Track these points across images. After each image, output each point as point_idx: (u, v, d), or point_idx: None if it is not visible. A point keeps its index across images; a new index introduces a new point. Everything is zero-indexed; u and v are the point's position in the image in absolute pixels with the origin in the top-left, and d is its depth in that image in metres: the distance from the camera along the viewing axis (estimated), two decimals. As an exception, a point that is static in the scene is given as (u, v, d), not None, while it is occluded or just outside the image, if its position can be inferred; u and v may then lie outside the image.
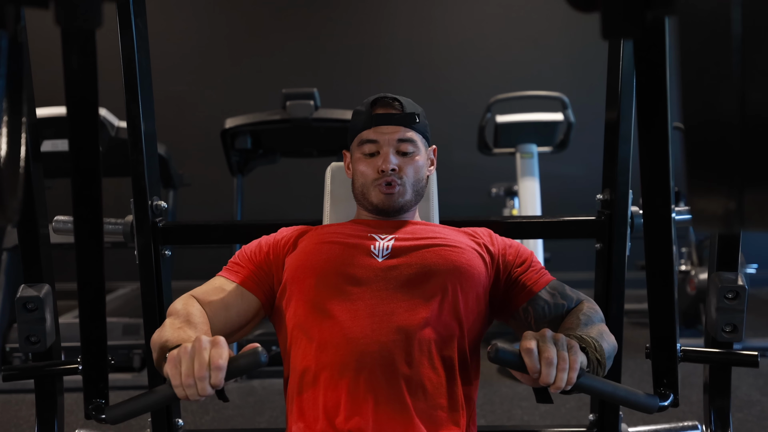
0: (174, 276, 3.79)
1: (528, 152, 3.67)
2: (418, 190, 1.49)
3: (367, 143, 1.46)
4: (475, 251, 1.39)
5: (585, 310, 1.34)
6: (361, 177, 1.47)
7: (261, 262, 1.42)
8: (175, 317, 1.26)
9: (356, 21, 4.99)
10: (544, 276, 1.42)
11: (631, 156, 1.58)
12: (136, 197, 1.56)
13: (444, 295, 1.29)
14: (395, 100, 1.47)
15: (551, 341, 1.07)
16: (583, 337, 1.17)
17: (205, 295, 1.37)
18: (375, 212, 1.48)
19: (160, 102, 4.74)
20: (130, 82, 1.52)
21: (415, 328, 1.24)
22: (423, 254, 1.34)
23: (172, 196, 3.64)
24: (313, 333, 1.27)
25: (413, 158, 1.46)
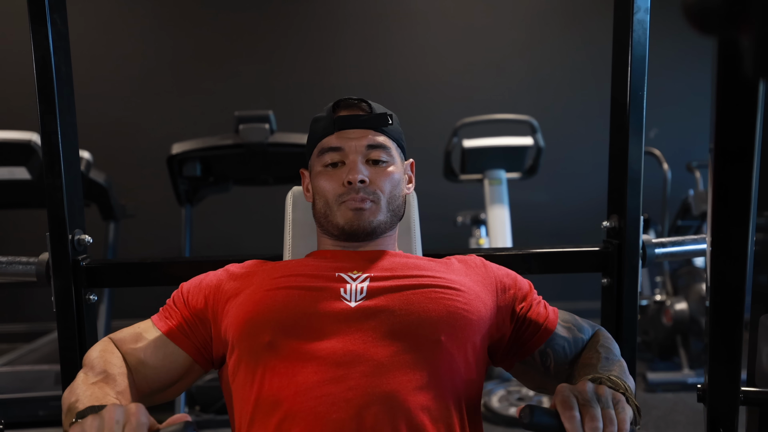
0: (114, 314, 3.52)
1: (496, 178, 3.51)
2: (394, 209, 1.22)
3: (329, 152, 1.20)
4: (472, 291, 1.13)
5: (602, 341, 1.16)
6: (323, 194, 1.20)
7: (198, 308, 1.15)
8: (89, 369, 1.05)
9: (311, 43, 4.78)
10: (550, 308, 1.21)
11: (642, 177, 1.37)
12: (53, 231, 1.28)
13: (437, 348, 1.02)
14: (361, 101, 1.22)
15: (594, 399, 0.90)
16: (614, 379, 0.99)
17: (124, 342, 1.14)
18: (342, 236, 1.20)
19: (102, 127, 4.51)
20: (45, 89, 1.25)
21: (403, 394, 0.97)
22: (408, 297, 1.07)
23: (113, 228, 3.33)
24: (270, 407, 0.98)
25: (387, 168, 1.20)
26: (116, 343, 1.13)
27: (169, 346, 1.13)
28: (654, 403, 3.14)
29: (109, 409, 0.83)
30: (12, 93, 4.43)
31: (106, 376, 1.02)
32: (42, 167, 2.62)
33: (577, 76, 4.75)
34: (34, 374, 3.02)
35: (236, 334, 1.07)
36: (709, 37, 0.45)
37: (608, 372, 1.03)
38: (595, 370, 1.05)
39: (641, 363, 3.80)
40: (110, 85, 4.63)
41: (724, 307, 0.83)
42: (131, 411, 0.83)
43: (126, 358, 1.11)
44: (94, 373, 1.03)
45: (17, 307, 4.63)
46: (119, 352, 1.11)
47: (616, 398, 0.91)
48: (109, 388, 1.00)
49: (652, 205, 4.19)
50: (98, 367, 1.04)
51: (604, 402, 0.89)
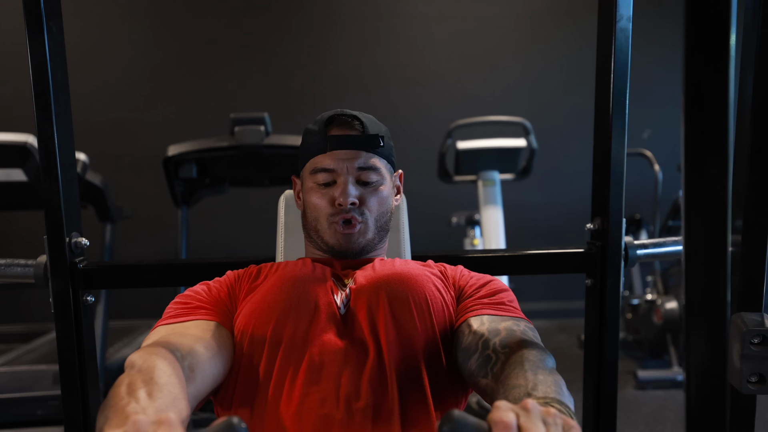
0: (112, 315, 3.54)
1: (490, 179, 3.52)
2: (381, 226, 1.26)
3: (321, 172, 1.23)
4: (438, 282, 1.17)
5: (529, 355, 0.96)
6: (314, 211, 1.24)
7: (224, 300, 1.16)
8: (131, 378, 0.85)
9: (308, 45, 4.81)
10: (492, 308, 1.12)
11: (624, 182, 1.41)
12: (51, 234, 1.31)
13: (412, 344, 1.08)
14: (354, 119, 1.23)
15: (539, 418, 0.69)
16: (554, 405, 0.83)
17: (184, 338, 1.01)
18: (331, 253, 1.25)
19: (99, 130, 4.54)
20: (41, 96, 1.28)
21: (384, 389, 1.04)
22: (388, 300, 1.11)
23: (110, 230, 3.35)
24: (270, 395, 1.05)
25: (377, 189, 1.24)
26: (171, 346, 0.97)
27: (226, 334, 1.10)
28: (644, 401, 3.18)
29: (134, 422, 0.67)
30: (7, 94, 4.45)
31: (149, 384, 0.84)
32: (38, 169, 2.67)
33: (571, 76, 4.78)
34: (32, 374, 3.03)
35: (241, 324, 1.11)
36: None
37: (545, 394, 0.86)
38: (525, 390, 0.88)
39: (632, 361, 3.84)
40: (107, 87, 4.66)
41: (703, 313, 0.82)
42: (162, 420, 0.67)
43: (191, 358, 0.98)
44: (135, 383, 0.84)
45: (14, 307, 4.66)
46: (171, 356, 0.94)
47: (568, 425, 0.70)
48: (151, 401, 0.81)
49: (644, 206, 4.23)
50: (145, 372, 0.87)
51: (551, 425, 0.69)
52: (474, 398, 3.14)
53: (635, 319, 3.94)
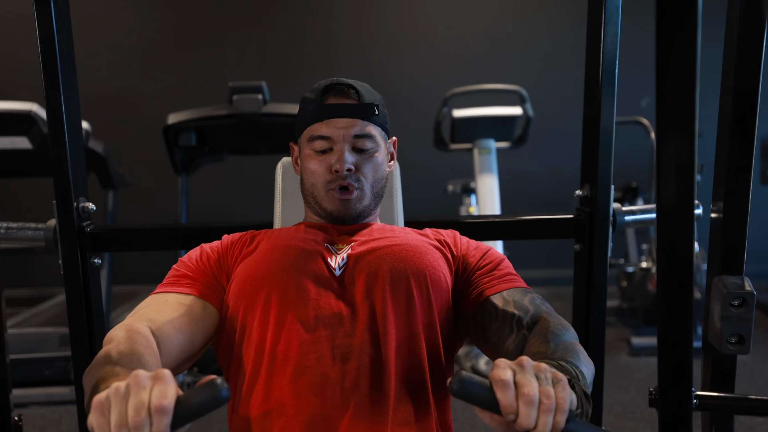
0: (114, 280, 3.60)
1: (486, 148, 3.55)
2: (377, 192, 1.31)
3: (318, 139, 1.27)
4: (437, 250, 1.23)
5: (552, 327, 1.08)
6: (312, 177, 1.28)
7: (213, 271, 1.22)
8: (112, 347, 0.96)
9: (306, 14, 4.81)
10: (506, 282, 1.20)
11: (613, 149, 1.46)
12: (59, 198, 1.36)
13: (410, 302, 1.13)
14: (350, 88, 1.27)
15: (531, 372, 0.81)
16: (562, 364, 0.94)
17: (159, 314, 1.08)
18: (328, 219, 1.29)
19: (99, 98, 4.56)
20: (49, 66, 1.32)
21: (379, 351, 1.08)
22: (380, 257, 1.17)
23: (112, 197, 3.40)
24: (266, 357, 1.09)
25: (372, 156, 1.28)
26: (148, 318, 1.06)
27: (207, 307, 1.16)
28: (637, 367, 3.25)
29: (134, 375, 0.77)
30: (11, 64, 4.46)
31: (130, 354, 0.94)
32: (42, 137, 2.71)
33: (567, 45, 4.78)
34: (39, 336, 3.11)
35: (235, 290, 1.16)
36: None
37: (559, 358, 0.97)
38: (544, 356, 0.99)
39: (627, 328, 3.91)
40: (108, 56, 4.67)
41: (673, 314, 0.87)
42: (158, 374, 0.77)
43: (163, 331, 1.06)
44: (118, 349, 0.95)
45: (21, 273, 4.73)
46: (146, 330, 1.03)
47: (557, 377, 0.82)
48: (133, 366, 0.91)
49: (641, 174, 4.26)
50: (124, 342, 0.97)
51: (542, 378, 0.81)
52: (468, 363, 3.22)
53: (630, 287, 3.99)
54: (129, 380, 0.77)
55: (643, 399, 2.86)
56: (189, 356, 1.12)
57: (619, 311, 4.17)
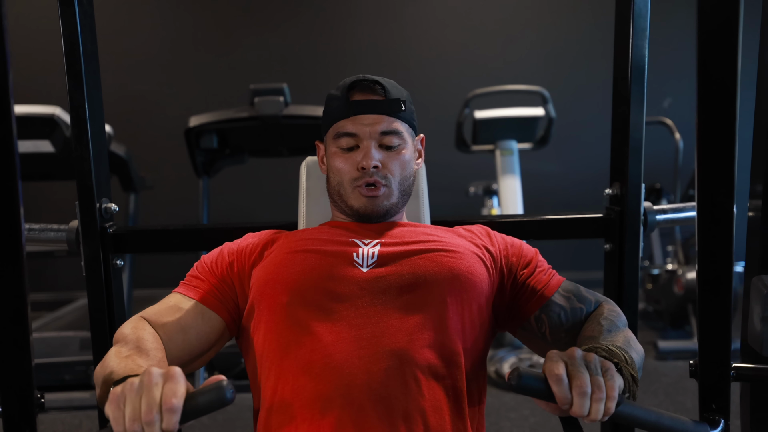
0: (135, 284, 3.61)
1: (508, 149, 3.53)
2: (405, 189, 1.28)
3: (344, 136, 1.24)
4: (475, 255, 1.19)
5: (606, 313, 1.16)
6: (338, 175, 1.26)
7: (224, 274, 1.21)
8: (122, 344, 1.05)
9: (325, 16, 4.80)
10: (554, 277, 1.23)
11: (643, 147, 1.42)
12: (82, 199, 1.35)
13: (443, 309, 1.09)
14: (377, 84, 1.25)
15: (582, 364, 0.89)
16: (612, 349, 0.99)
17: (158, 315, 1.15)
18: (355, 217, 1.27)
19: (122, 101, 4.59)
20: (73, 66, 1.31)
21: (411, 352, 1.03)
22: (415, 261, 1.14)
23: (134, 199, 3.42)
24: (287, 360, 1.06)
25: (399, 152, 1.25)
26: (149, 319, 1.14)
27: (206, 312, 1.16)
28: (664, 371, 3.20)
29: (147, 371, 0.84)
30: (35, 68, 4.50)
31: (139, 350, 1.03)
32: (65, 140, 2.72)
33: (589, 46, 4.74)
34: (60, 340, 3.11)
35: (257, 294, 1.14)
36: None
37: (609, 343, 1.03)
38: (596, 341, 1.05)
39: (653, 331, 3.85)
40: (130, 59, 4.69)
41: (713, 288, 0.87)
42: (170, 372, 0.84)
43: (161, 332, 1.12)
44: (128, 347, 1.03)
45: (41, 277, 4.76)
46: (151, 328, 1.11)
47: (605, 366, 0.90)
48: (143, 360, 1.00)
49: (665, 175, 4.21)
50: (132, 341, 1.05)
51: (592, 368, 0.88)
52: (492, 367, 3.18)
53: (656, 290, 3.93)
54: (143, 377, 0.83)
55: (672, 404, 2.80)
56: (186, 360, 1.15)
57: (644, 314, 4.11)
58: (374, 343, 1.04)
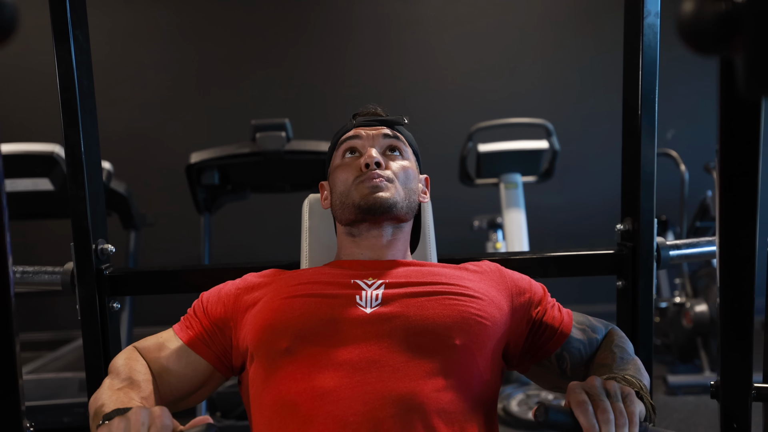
0: (137, 321, 3.56)
1: (512, 182, 3.50)
2: (409, 197, 1.24)
3: (347, 141, 1.27)
4: (486, 295, 1.14)
5: (617, 340, 1.19)
6: (341, 184, 1.23)
7: (217, 317, 1.18)
8: (115, 376, 1.09)
9: (327, 50, 4.82)
10: (564, 311, 1.23)
11: (655, 180, 1.38)
12: (77, 240, 1.32)
13: (452, 353, 1.04)
14: (378, 107, 1.34)
15: (603, 392, 0.92)
16: (629, 378, 1.03)
17: (147, 350, 1.17)
18: (359, 215, 1.20)
19: (123, 138, 4.58)
20: (68, 104, 1.28)
21: (419, 398, 0.98)
22: (423, 304, 1.09)
23: (134, 237, 3.37)
24: (288, 411, 1.00)
25: (402, 160, 1.27)
26: (141, 352, 1.16)
27: (191, 355, 1.16)
28: (675, 406, 3.12)
29: (134, 411, 0.86)
30: (34, 106, 4.50)
31: (131, 382, 1.06)
32: (64, 178, 2.69)
33: (592, 78, 4.74)
34: (58, 382, 3.06)
35: (254, 340, 1.09)
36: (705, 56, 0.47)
37: (623, 371, 1.06)
38: (611, 370, 1.08)
39: (661, 366, 3.77)
40: (129, 96, 4.70)
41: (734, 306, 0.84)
42: (156, 413, 0.86)
43: (150, 366, 1.14)
44: (119, 379, 1.07)
45: (41, 315, 4.70)
46: (144, 360, 1.14)
47: (625, 392, 0.93)
48: (134, 393, 1.03)
49: (670, 207, 4.17)
50: (123, 373, 1.08)
51: (613, 396, 0.92)
52: (499, 405, 3.11)
53: (664, 323, 3.87)
54: (130, 415, 0.85)
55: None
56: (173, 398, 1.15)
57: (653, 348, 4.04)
58: (379, 388, 0.99)
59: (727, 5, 0.43)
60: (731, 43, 0.43)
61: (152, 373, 1.13)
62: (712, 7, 0.44)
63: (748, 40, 0.42)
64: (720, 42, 0.44)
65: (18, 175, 2.73)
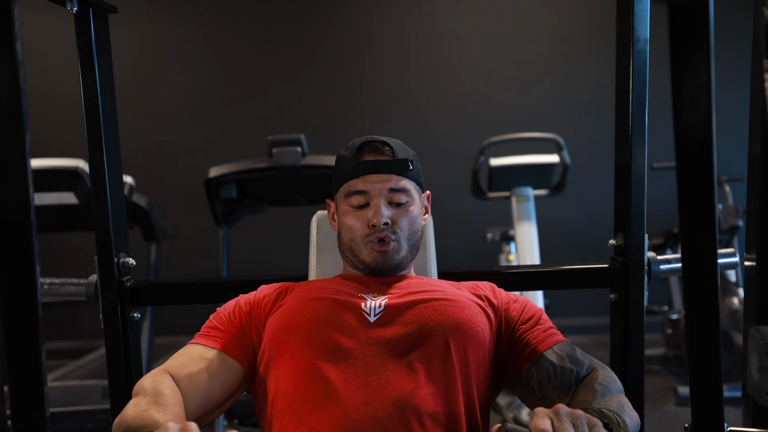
0: (156, 332, 3.65)
1: (524, 196, 3.54)
2: (413, 244, 1.34)
3: (355, 194, 1.31)
4: (476, 305, 1.24)
5: (600, 379, 1.16)
6: (350, 231, 1.32)
7: (242, 324, 1.25)
8: (141, 397, 1.07)
9: (342, 67, 4.90)
10: (552, 336, 1.25)
11: (645, 197, 1.45)
12: (101, 254, 1.41)
13: (447, 357, 1.13)
14: (385, 145, 1.32)
15: (567, 420, 0.88)
16: (603, 411, 1.00)
17: (182, 367, 1.16)
18: (367, 271, 1.32)
19: (144, 152, 4.71)
20: (93, 127, 1.38)
21: (415, 399, 1.07)
22: (419, 311, 1.19)
23: (155, 250, 3.47)
24: (299, 403, 1.09)
25: (407, 209, 1.32)
26: (172, 372, 1.15)
27: (228, 361, 1.19)
28: (685, 417, 3.15)
29: (164, 426, 0.87)
30: (60, 121, 4.64)
31: (156, 404, 1.04)
32: (89, 192, 2.80)
33: (604, 93, 4.76)
34: (82, 389, 3.14)
35: (270, 341, 1.19)
36: None
37: (601, 406, 1.04)
38: (589, 404, 1.07)
39: (673, 377, 3.80)
40: (151, 111, 4.82)
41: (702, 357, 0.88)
42: (186, 427, 0.86)
43: (186, 383, 1.14)
44: (146, 399, 1.05)
45: (66, 325, 4.83)
46: (171, 382, 1.12)
47: (591, 422, 0.90)
48: (161, 414, 1.02)
49: (681, 219, 4.18)
50: (150, 393, 1.07)
51: (578, 425, 0.88)
52: (510, 414, 3.16)
53: (675, 334, 3.88)
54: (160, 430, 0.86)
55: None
56: (208, 410, 1.17)
57: (664, 359, 4.06)
58: (380, 390, 1.08)
59: None
60: None
61: (184, 391, 1.13)
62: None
63: None
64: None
65: (44, 189, 2.82)
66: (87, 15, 1.36)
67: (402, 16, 4.88)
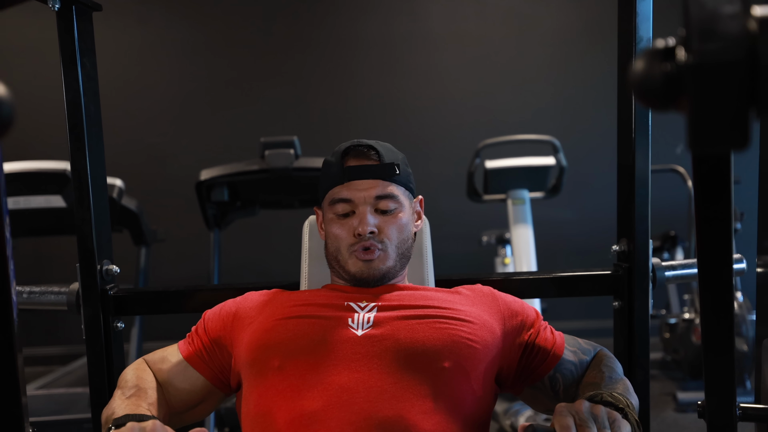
0: (146, 336, 3.59)
1: (520, 198, 3.50)
2: (403, 253, 1.27)
3: (339, 202, 1.24)
4: (478, 319, 1.17)
5: (605, 360, 1.21)
6: (335, 241, 1.25)
7: (216, 336, 1.22)
8: (124, 385, 1.15)
9: (336, 68, 4.86)
10: (556, 334, 1.24)
11: (649, 201, 1.40)
12: (83, 261, 1.35)
13: (441, 377, 1.07)
14: (370, 149, 1.25)
15: (590, 416, 0.93)
16: (617, 396, 1.02)
17: (154, 362, 1.24)
18: (353, 282, 1.25)
19: (133, 154, 4.65)
20: (75, 128, 1.32)
21: (405, 420, 1.01)
22: (413, 327, 1.12)
23: (145, 253, 3.41)
24: (281, 425, 1.03)
25: (396, 216, 1.24)
26: (148, 363, 1.22)
27: (189, 370, 1.20)
28: (685, 423, 3.10)
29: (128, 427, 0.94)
30: (47, 123, 4.58)
31: (138, 390, 1.12)
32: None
33: (601, 95, 4.74)
34: (68, 397, 3.09)
35: (248, 359, 1.13)
36: (658, 112, 0.49)
37: (611, 389, 1.07)
38: (599, 387, 1.09)
39: (671, 382, 3.75)
40: (142, 114, 4.76)
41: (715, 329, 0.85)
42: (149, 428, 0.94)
43: (156, 377, 1.20)
44: (128, 388, 1.13)
45: (53, 330, 4.75)
46: (151, 371, 1.20)
47: (612, 417, 0.94)
48: (141, 401, 1.09)
49: (679, 222, 4.16)
50: (131, 383, 1.14)
51: (600, 421, 0.92)
52: (507, 421, 3.11)
53: (673, 339, 3.84)
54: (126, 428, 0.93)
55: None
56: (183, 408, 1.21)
57: (662, 364, 4.01)
58: (366, 408, 1.01)
59: (672, 66, 0.46)
60: (678, 101, 0.46)
61: (158, 382, 1.19)
62: (659, 67, 0.46)
63: (691, 99, 0.44)
64: (668, 100, 0.46)
65: (31, 192, 2.78)
66: (70, 12, 1.31)
67: (395, 18, 4.84)
